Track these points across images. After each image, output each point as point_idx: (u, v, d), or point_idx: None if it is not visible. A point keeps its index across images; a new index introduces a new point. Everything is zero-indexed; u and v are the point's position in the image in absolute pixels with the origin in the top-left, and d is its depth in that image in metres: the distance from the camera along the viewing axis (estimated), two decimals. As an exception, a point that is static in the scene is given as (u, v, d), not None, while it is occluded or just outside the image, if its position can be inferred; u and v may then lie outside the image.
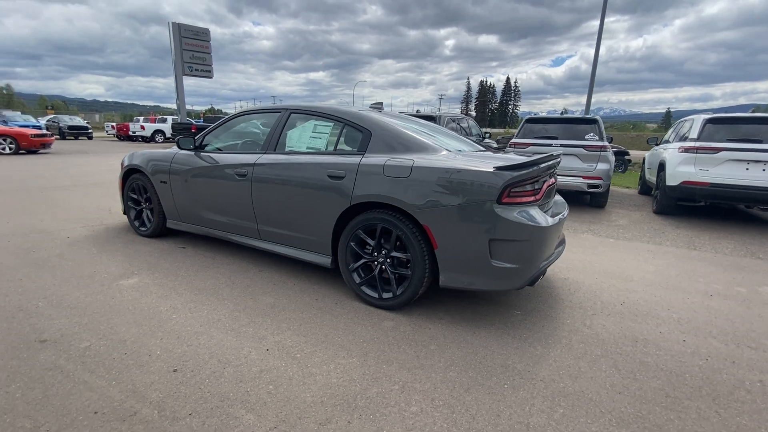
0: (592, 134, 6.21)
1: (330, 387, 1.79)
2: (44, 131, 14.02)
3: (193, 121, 21.12)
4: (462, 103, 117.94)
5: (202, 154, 3.43)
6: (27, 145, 12.77)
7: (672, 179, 5.50)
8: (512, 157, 2.57)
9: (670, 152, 5.78)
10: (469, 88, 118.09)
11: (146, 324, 2.28)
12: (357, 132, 2.76)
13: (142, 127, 23.73)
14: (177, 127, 17.94)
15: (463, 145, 3.09)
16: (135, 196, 4.03)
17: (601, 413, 1.67)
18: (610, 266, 3.61)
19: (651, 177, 7.10)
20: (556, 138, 6.37)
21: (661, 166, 6.00)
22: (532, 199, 2.30)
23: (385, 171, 2.46)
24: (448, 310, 2.60)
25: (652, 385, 1.88)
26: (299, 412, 1.62)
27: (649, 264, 3.73)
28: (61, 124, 23.37)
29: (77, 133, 23.59)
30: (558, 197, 3.17)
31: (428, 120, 7.98)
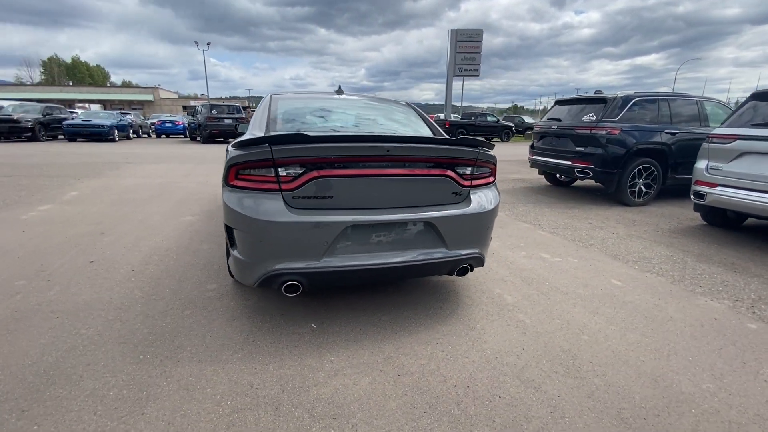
0: None
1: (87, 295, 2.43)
2: None
3: (451, 117, 23.29)
4: None
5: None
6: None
7: None
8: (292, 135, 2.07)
9: None
10: None
11: (138, 240, 3.59)
12: None
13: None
14: None
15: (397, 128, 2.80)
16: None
17: None
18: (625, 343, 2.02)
19: None
20: (796, 125, 3.37)
21: None
22: (271, 186, 1.90)
23: None
24: (264, 296, 2.52)
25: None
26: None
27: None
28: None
29: None
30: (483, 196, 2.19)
31: (598, 103, 5.86)
